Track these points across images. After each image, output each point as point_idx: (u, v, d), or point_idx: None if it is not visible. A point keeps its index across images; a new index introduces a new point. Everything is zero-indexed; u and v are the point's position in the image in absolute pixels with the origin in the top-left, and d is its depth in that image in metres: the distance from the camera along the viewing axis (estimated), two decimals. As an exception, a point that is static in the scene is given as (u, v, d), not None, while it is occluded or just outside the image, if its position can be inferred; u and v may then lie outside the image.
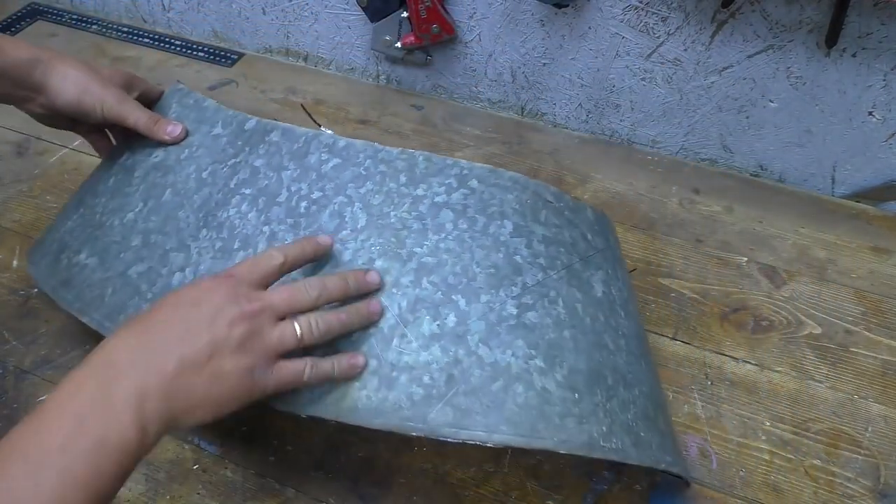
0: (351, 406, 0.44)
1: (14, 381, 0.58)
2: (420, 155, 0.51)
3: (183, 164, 0.57)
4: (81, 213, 0.59)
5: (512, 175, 0.51)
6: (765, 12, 0.68)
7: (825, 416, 0.59)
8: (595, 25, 0.75)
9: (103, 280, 0.54)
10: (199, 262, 0.51)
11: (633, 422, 0.45)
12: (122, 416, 0.35)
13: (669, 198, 0.78)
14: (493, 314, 0.45)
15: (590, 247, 0.51)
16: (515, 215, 0.49)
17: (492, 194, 0.50)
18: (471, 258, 0.47)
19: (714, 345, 0.63)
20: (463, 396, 0.43)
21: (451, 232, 0.48)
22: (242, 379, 0.39)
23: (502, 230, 0.48)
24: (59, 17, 1.01)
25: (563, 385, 0.44)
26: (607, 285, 0.50)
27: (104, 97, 0.55)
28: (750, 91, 0.74)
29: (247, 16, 0.92)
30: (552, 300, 0.47)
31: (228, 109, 0.60)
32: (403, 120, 0.87)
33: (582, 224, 0.52)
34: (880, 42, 0.66)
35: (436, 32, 0.80)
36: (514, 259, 0.47)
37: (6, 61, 0.52)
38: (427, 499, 0.53)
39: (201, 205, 0.54)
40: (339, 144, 0.53)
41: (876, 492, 0.54)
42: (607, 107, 0.82)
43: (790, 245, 0.73)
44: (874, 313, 0.66)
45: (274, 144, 0.54)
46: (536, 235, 0.49)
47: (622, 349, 0.48)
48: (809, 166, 0.78)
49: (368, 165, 0.52)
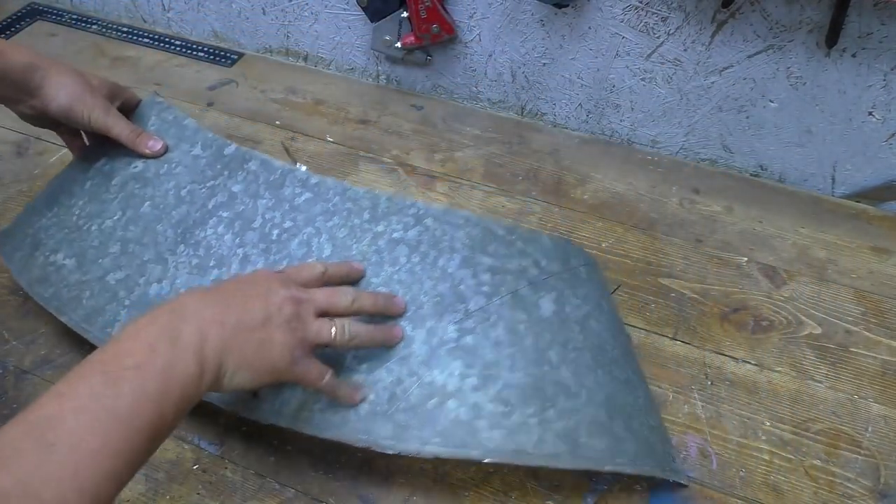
0: (306, 418, 0.49)
1: (14, 381, 0.58)
2: (383, 195, 0.57)
3: (162, 179, 0.61)
4: (56, 211, 0.61)
5: (464, 213, 0.56)
6: (765, 12, 0.68)
7: (825, 416, 0.59)
8: (595, 25, 0.75)
9: (81, 282, 0.57)
10: (176, 276, 0.56)
11: (573, 429, 0.48)
12: (186, 351, 0.40)
13: (669, 198, 0.78)
14: (435, 338, 0.50)
15: (542, 272, 0.55)
16: (464, 249, 0.54)
17: (444, 231, 0.55)
18: (420, 288, 0.52)
19: (714, 345, 0.63)
20: (402, 413, 0.48)
21: (405, 265, 0.53)
22: (284, 353, 0.44)
23: (451, 263, 0.53)
24: (59, 16, 1.01)
25: (495, 400, 0.48)
26: (560, 304, 0.54)
27: (93, 107, 0.58)
28: (750, 91, 0.74)
29: (247, 16, 0.92)
30: (492, 323, 0.51)
31: (208, 131, 0.63)
32: (403, 120, 0.87)
33: (536, 252, 0.56)
34: (880, 42, 0.66)
35: (436, 32, 0.80)
36: (458, 288, 0.52)
37: (6, 64, 0.55)
38: (427, 499, 0.53)
39: (179, 221, 0.58)
40: (311, 180, 0.58)
41: (876, 492, 0.54)
42: (607, 107, 0.82)
43: (790, 245, 0.73)
44: (874, 313, 0.66)
45: (252, 173, 0.59)
46: (483, 266, 0.54)
47: (571, 362, 0.51)
48: (809, 166, 0.78)
49: (337, 202, 0.57)
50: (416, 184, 0.78)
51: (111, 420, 0.35)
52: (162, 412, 0.38)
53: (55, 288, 0.57)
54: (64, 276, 0.57)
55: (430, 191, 0.77)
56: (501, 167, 0.81)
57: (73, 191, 0.63)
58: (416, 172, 0.79)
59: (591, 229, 0.74)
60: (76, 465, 0.33)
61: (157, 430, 0.38)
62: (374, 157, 0.81)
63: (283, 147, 0.63)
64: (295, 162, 0.63)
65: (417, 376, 0.49)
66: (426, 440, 0.47)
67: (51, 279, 0.58)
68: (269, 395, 0.51)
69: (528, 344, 0.51)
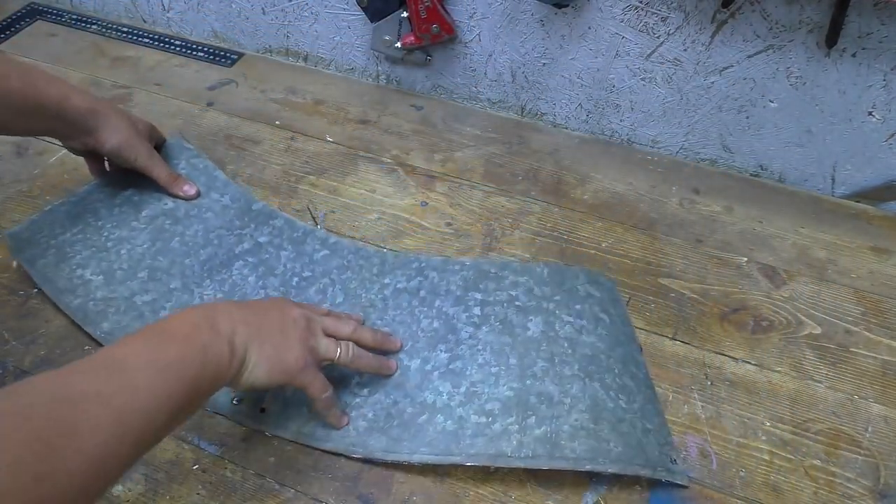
0: (309, 432, 0.55)
1: (13, 381, 0.58)
2: (390, 254, 0.68)
3: (192, 220, 0.69)
4: (82, 229, 0.68)
5: (461, 260, 0.67)
6: (765, 12, 0.68)
7: (825, 416, 0.59)
8: (595, 25, 0.75)
9: (108, 299, 0.62)
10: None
11: (553, 433, 0.53)
12: (221, 336, 0.45)
13: (669, 198, 0.78)
14: (428, 365, 0.58)
15: (532, 297, 0.62)
16: (458, 290, 0.63)
17: (441, 278, 0.65)
18: (417, 326, 0.61)
19: (714, 345, 0.63)
20: (396, 429, 0.54)
21: (406, 308, 0.62)
22: (298, 357, 0.49)
23: (445, 303, 0.62)
24: (59, 17, 1.01)
25: (478, 412, 0.54)
26: (549, 324, 0.60)
27: (139, 151, 0.67)
28: (750, 91, 0.74)
29: (247, 16, 0.92)
30: (480, 349, 0.58)
31: (237, 185, 0.73)
32: (403, 120, 0.87)
33: (530, 281, 0.64)
34: (880, 42, 0.66)
35: (436, 32, 0.80)
36: (451, 323, 0.61)
37: (72, 108, 0.61)
38: (427, 499, 0.53)
39: (206, 259, 0.66)
40: (330, 240, 0.69)
41: (876, 492, 0.54)
42: (607, 107, 0.82)
43: (790, 245, 0.73)
44: (874, 313, 0.66)
45: (277, 229, 0.69)
46: (473, 301, 0.62)
47: (556, 374, 0.56)
48: (809, 166, 0.78)
49: (350, 259, 0.67)
50: (416, 184, 0.78)
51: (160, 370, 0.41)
52: (197, 386, 0.43)
53: (82, 300, 0.62)
54: (91, 291, 0.62)
55: (429, 191, 0.77)
56: (501, 167, 0.81)
57: (100, 213, 0.69)
58: (416, 172, 0.79)
59: (590, 229, 0.74)
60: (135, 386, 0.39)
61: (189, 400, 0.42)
62: (374, 157, 0.81)
63: (307, 208, 0.71)
64: (317, 223, 0.71)
65: (411, 398, 0.56)
66: (415, 450, 0.53)
67: (77, 291, 0.62)
68: (274, 411, 0.56)
69: (512, 363, 0.57)
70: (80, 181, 0.76)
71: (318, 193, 0.76)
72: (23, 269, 0.66)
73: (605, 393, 0.56)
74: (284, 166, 0.79)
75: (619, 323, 0.63)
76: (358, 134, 0.84)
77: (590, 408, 0.54)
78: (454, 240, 0.72)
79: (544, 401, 0.54)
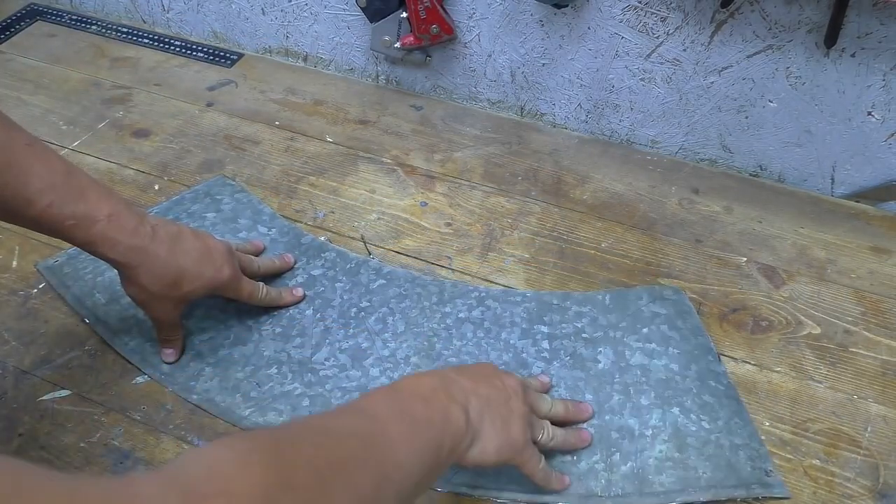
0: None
1: (14, 381, 0.58)
2: (448, 283, 0.67)
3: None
4: None
5: (521, 292, 0.66)
6: (764, 12, 0.68)
7: (824, 416, 0.59)
8: (594, 26, 0.75)
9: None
10: (260, 341, 0.62)
11: (640, 469, 0.53)
12: (457, 406, 0.42)
13: (669, 198, 0.78)
14: None
15: (598, 328, 0.63)
16: (523, 322, 0.63)
17: (504, 309, 0.64)
18: (486, 359, 0.60)
19: (713, 345, 0.63)
20: None
21: (471, 339, 0.62)
22: (524, 430, 0.46)
23: (512, 335, 0.62)
24: (59, 17, 1.01)
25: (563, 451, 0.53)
26: (619, 354, 0.60)
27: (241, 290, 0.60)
28: (749, 91, 0.74)
29: (246, 16, 0.93)
30: (554, 385, 0.58)
31: (283, 219, 0.72)
32: (403, 120, 0.87)
33: (593, 310, 0.64)
34: (879, 42, 0.66)
35: (435, 33, 0.80)
36: (521, 356, 0.61)
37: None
38: (427, 499, 0.53)
39: None
40: (384, 270, 0.68)
41: (875, 492, 0.54)
42: (606, 107, 0.82)
43: (789, 245, 0.73)
44: (873, 313, 0.66)
45: (329, 261, 0.68)
46: (541, 334, 0.62)
47: (632, 407, 0.56)
48: (809, 166, 0.78)
49: (408, 287, 0.66)
50: (416, 184, 0.78)
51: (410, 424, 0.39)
52: (439, 452, 0.39)
53: (138, 340, 0.61)
54: (146, 331, 0.61)
55: (429, 191, 0.77)
56: (501, 167, 0.81)
57: None
58: (416, 172, 0.79)
59: (590, 229, 0.74)
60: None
61: (434, 463, 0.39)
62: (374, 158, 0.81)
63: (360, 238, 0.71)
64: (370, 253, 0.70)
65: None
66: (502, 487, 0.52)
67: (132, 331, 0.61)
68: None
69: (588, 398, 0.57)
70: (80, 181, 0.76)
71: (317, 194, 0.76)
72: (23, 269, 0.66)
73: (686, 417, 0.56)
74: (284, 166, 0.79)
75: (690, 337, 0.62)
76: (357, 134, 0.84)
77: (672, 436, 0.55)
78: (454, 240, 0.72)
79: (626, 435, 0.55)
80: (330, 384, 0.59)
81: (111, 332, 0.61)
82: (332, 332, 0.62)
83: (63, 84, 0.89)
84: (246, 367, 0.59)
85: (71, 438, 0.55)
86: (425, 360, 0.60)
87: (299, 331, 0.62)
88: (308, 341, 0.61)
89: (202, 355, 0.60)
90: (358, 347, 0.61)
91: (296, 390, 0.58)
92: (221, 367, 0.59)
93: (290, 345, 0.61)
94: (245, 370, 0.59)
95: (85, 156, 0.79)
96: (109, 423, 0.56)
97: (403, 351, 0.61)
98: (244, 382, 0.58)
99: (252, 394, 0.58)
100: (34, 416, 0.56)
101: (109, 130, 0.83)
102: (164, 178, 0.77)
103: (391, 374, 0.59)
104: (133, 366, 0.59)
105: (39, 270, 0.66)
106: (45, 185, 0.45)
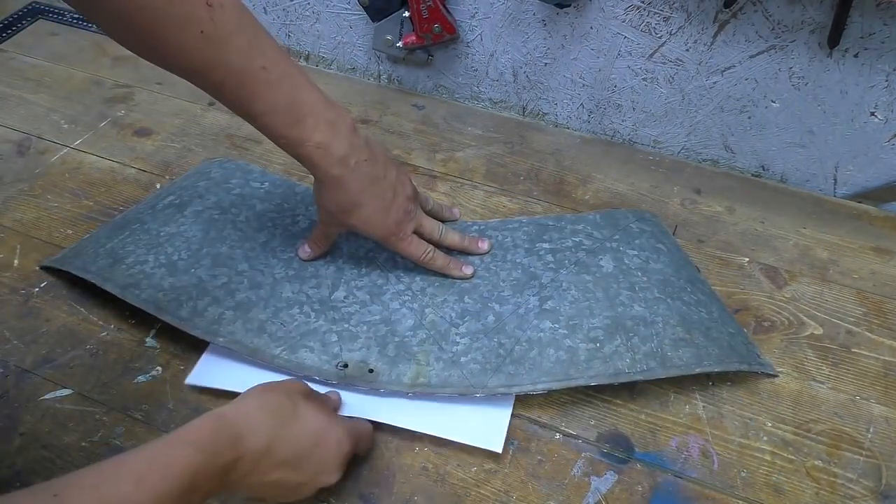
0: (424, 382, 0.56)
1: (15, 380, 0.58)
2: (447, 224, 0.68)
3: (240, 209, 0.69)
4: (130, 232, 0.66)
5: (517, 218, 0.71)
6: (767, 12, 0.68)
7: (827, 416, 0.58)
8: (597, 25, 0.75)
9: (176, 287, 0.61)
10: (275, 284, 0.62)
11: (657, 348, 0.57)
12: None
13: (671, 198, 0.78)
14: (521, 309, 0.61)
15: (595, 240, 0.66)
16: (525, 243, 0.67)
17: (504, 235, 0.68)
18: (497, 278, 0.64)
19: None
20: (510, 366, 0.57)
21: (480, 265, 0.65)
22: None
23: (517, 255, 0.66)
24: (60, 16, 1.01)
25: (585, 340, 0.57)
26: (618, 260, 0.64)
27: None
28: (752, 91, 0.74)
29: (248, 15, 0.92)
30: (565, 288, 0.62)
31: (273, 174, 0.74)
32: (405, 119, 0.87)
33: (587, 228, 0.68)
34: (883, 42, 0.65)
35: (437, 32, 0.80)
36: (529, 270, 0.64)
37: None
38: (427, 499, 0.53)
39: (266, 241, 0.66)
40: None
41: (878, 493, 0.54)
42: (609, 107, 0.82)
43: (792, 245, 0.73)
44: (876, 314, 0.66)
45: None
46: (544, 250, 0.66)
47: (641, 299, 0.60)
48: (811, 167, 0.78)
49: None
50: (418, 183, 0.78)
51: None
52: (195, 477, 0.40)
53: (150, 291, 0.60)
54: (156, 282, 0.61)
55: (431, 191, 0.77)
56: (503, 167, 0.81)
57: (144, 219, 0.67)
58: (418, 172, 0.79)
59: (592, 229, 0.74)
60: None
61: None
62: (376, 157, 0.81)
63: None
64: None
65: (515, 338, 0.58)
66: (536, 380, 0.56)
67: (142, 284, 0.61)
68: (384, 368, 0.57)
69: (599, 295, 0.61)
70: (82, 181, 0.76)
71: (319, 193, 0.76)
72: (24, 268, 0.66)
73: (688, 308, 0.61)
74: (286, 165, 0.79)
75: (674, 251, 0.68)
76: (359, 133, 0.84)
77: (680, 322, 0.59)
78: (455, 240, 0.72)
79: (640, 322, 0.58)
80: (354, 319, 0.60)
81: (120, 288, 0.61)
82: (346, 271, 0.64)
83: (65, 83, 0.89)
84: (266, 309, 0.60)
85: (72, 438, 0.55)
86: (440, 288, 0.63)
87: (312, 272, 0.64)
88: (323, 281, 0.63)
89: (219, 300, 0.60)
90: (374, 284, 0.63)
91: (322, 327, 0.59)
92: (242, 311, 0.60)
93: (306, 285, 0.63)
94: (266, 311, 0.60)
95: (86, 154, 0.79)
96: (111, 422, 0.56)
97: (418, 284, 0.63)
98: (268, 323, 0.59)
99: (279, 333, 0.59)
100: (35, 416, 0.56)
101: (111, 129, 0.83)
102: (166, 176, 0.77)
103: (411, 306, 0.62)
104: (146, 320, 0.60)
105: (45, 265, 0.66)
106: (267, 107, 0.51)
